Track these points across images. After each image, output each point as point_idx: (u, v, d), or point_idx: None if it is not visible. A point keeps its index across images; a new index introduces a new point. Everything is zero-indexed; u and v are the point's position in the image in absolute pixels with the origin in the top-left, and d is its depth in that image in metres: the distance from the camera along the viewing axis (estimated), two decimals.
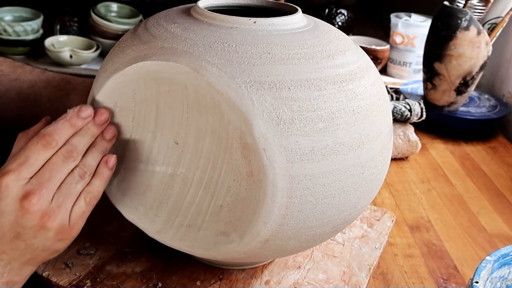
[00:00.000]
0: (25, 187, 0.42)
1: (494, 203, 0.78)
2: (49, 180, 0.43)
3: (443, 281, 0.60)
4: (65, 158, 0.44)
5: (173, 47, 0.43)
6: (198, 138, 0.44)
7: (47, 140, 0.43)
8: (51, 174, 0.43)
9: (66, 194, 0.44)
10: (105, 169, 0.46)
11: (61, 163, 0.43)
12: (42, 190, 0.42)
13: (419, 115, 0.86)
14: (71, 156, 0.44)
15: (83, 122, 0.45)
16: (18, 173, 0.42)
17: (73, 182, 0.44)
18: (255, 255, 0.47)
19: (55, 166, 0.43)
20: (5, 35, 1.20)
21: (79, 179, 0.44)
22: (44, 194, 0.42)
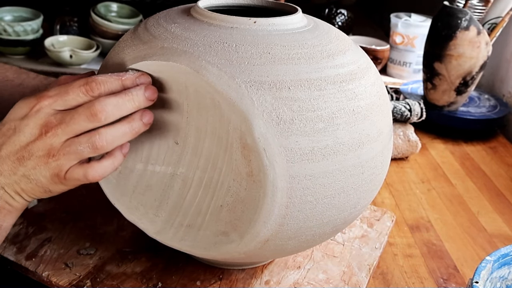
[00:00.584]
0: (50, 117, 0.42)
1: (494, 203, 0.78)
2: (67, 125, 0.42)
3: (443, 281, 0.60)
4: (90, 116, 0.42)
5: (173, 47, 0.43)
6: (198, 138, 0.44)
7: (92, 86, 0.42)
8: (71, 120, 0.42)
9: (73, 148, 0.42)
10: (119, 154, 0.44)
11: (82, 119, 0.42)
12: (58, 130, 0.42)
13: (419, 115, 0.86)
14: (97, 118, 0.42)
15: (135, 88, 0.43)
16: (53, 101, 0.42)
17: (85, 146, 0.42)
18: (255, 255, 0.47)
19: (78, 117, 0.42)
20: (5, 35, 1.20)
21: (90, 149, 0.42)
22: (60, 134, 0.42)
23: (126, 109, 0.42)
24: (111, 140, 0.42)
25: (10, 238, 0.58)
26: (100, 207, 0.63)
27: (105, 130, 0.42)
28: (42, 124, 0.42)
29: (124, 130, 0.43)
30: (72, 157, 0.42)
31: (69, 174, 0.43)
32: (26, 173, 0.43)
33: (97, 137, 0.42)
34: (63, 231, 0.59)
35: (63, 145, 0.42)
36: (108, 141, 0.42)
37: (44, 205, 0.64)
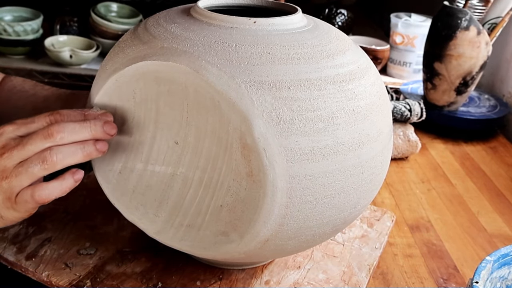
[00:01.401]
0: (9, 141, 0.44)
1: (494, 203, 0.78)
2: (23, 147, 0.43)
3: (443, 281, 0.60)
4: (47, 135, 0.43)
5: (173, 47, 0.43)
6: (198, 138, 0.44)
7: (55, 117, 0.45)
8: (28, 141, 0.43)
9: (25, 169, 0.43)
10: (70, 178, 0.45)
11: (39, 139, 0.43)
12: (14, 151, 0.43)
13: (419, 115, 0.86)
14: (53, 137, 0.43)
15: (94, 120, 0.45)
16: (17, 128, 0.45)
17: (36, 162, 0.43)
18: (255, 255, 0.47)
19: (34, 137, 0.43)
20: (5, 35, 1.21)
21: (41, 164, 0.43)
22: (14, 156, 0.43)
23: (82, 135, 0.44)
24: (61, 157, 0.43)
25: (10, 238, 0.58)
26: (100, 207, 0.63)
27: (56, 147, 0.44)
28: (1, 146, 0.44)
29: (75, 150, 0.44)
30: (24, 178, 0.43)
31: (19, 197, 0.44)
32: None
33: (48, 152, 0.43)
34: (63, 231, 0.59)
35: (15, 166, 0.43)
36: (58, 157, 0.43)
37: (44, 205, 0.64)
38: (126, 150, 0.48)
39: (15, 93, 0.68)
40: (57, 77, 1.21)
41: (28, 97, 0.67)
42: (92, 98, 0.48)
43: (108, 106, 0.47)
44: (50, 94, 0.68)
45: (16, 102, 0.67)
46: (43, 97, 0.68)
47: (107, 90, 0.46)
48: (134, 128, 0.47)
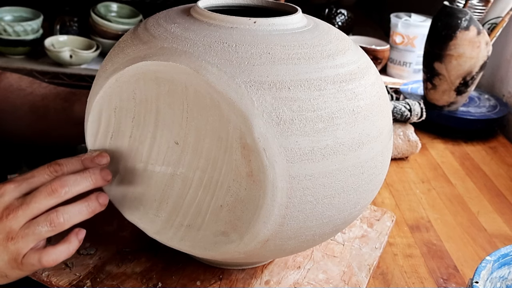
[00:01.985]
0: (13, 200, 0.44)
1: (494, 203, 0.78)
2: (28, 205, 0.43)
3: (443, 281, 0.60)
4: (51, 192, 0.44)
5: (173, 47, 0.43)
6: (198, 138, 0.44)
7: (55, 168, 0.46)
8: (32, 200, 0.44)
9: (31, 229, 0.43)
10: (75, 240, 0.46)
11: (43, 196, 0.44)
12: (19, 212, 0.43)
13: (419, 115, 0.86)
14: (57, 193, 0.44)
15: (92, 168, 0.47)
16: (18, 185, 0.45)
17: (43, 224, 0.44)
18: (255, 255, 0.47)
19: (38, 194, 0.44)
20: (5, 35, 1.21)
21: (48, 227, 0.44)
22: (19, 216, 0.43)
23: (84, 186, 0.45)
24: (68, 217, 0.44)
25: None
26: None
27: (62, 208, 0.44)
28: (4, 207, 0.43)
29: (80, 208, 0.45)
30: (30, 239, 0.44)
31: (25, 259, 0.44)
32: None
33: (55, 214, 0.44)
34: (63, 231, 0.59)
35: (22, 228, 0.43)
36: (65, 218, 0.44)
37: None
38: (126, 150, 0.48)
39: (12, 92, 0.67)
40: (57, 77, 1.21)
41: (26, 95, 0.67)
42: (92, 98, 0.48)
43: (108, 106, 0.47)
44: (48, 92, 0.68)
45: (14, 101, 0.67)
46: (41, 96, 0.67)
47: (107, 90, 0.46)
48: (134, 128, 0.47)
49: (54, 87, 0.69)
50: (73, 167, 0.46)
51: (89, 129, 0.48)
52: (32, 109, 0.67)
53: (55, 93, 0.68)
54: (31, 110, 0.67)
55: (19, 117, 0.67)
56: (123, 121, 0.47)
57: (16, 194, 0.44)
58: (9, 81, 0.68)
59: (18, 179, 0.45)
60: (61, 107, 0.66)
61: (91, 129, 0.48)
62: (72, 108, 0.66)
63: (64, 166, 0.46)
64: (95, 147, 0.49)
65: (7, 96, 0.67)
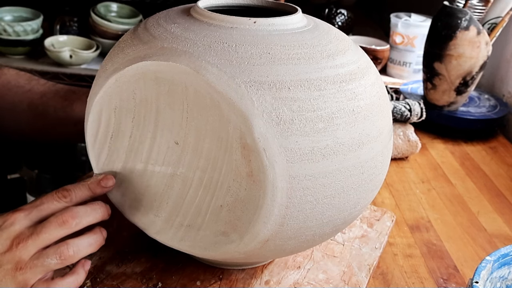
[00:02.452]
0: (23, 229, 0.44)
1: (494, 203, 0.78)
2: (38, 235, 0.44)
3: (443, 281, 0.60)
4: (62, 223, 0.44)
5: (173, 47, 0.43)
6: (198, 138, 0.44)
7: (63, 194, 0.46)
8: (42, 230, 0.44)
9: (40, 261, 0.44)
10: (82, 271, 0.47)
11: (54, 227, 0.44)
12: (29, 241, 0.43)
13: (419, 115, 0.86)
14: (68, 224, 0.45)
15: (102, 191, 0.48)
16: (28, 213, 0.45)
17: (52, 257, 0.44)
18: (255, 255, 0.47)
19: (48, 225, 0.44)
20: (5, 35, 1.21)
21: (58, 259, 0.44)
22: (29, 246, 0.43)
23: (94, 217, 0.46)
24: (77, 250, 0.45)
25: None
26: None
27: (72, 241, 0.45)
28: (15, 236, 0.44)
29: (89, 241, 0.46)
30: (39, 270, 0.44)
31: None
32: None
33: (65, 247, 0.44)
34: None
35: (31, 258, 0.44)
36: (75, 251, 0.45)
37: None
38: (126, 150, 0.48)
39: (10, 89, 0.67)
40: (57, 77, 1.21)
41: (24, 92, 0.67)
42: (92, 98, 0.48)
43: (108, 106, 0.47)
44: (47, 90, 0.68)
45: (12, 98, 0.67)
46: (40, 93, 0.67)
47: (107, 90, 0.46)
48: (134, 128, 0.47)
49: (53, 84, 0.69)
50: (81, 193, 0.47)
51: (89, 129, 0.48)
52: (30, 106, 0.66)
53: (54, 90, 0.67)
54: (29, 108, 0.66)
55: (18, 114, 0.67)
56: (123, 121, 0.47)
57: (27, 222, 0.44)
58: (7, 78, 0.68)
59: (27, 207, 0.45)
60: (60, 105, 0.66)
61: (91, 129, 0.48)
62: (72, 106, 0.66)
63: (72, 193, 0.47)
64: (95, 147, 0.49)
65: (5, 94, 0.67)
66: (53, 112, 0.66)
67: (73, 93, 0.67)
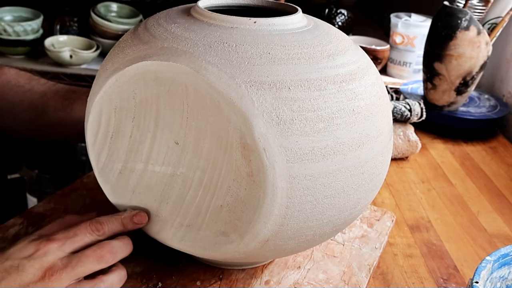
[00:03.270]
0: (56, 261, 0.44)
1: (494, 203, 0.78)
2: (73, 268, 0.44)
3: (443, 281, 0.60)
4: (100, 257, 0.45)
5: (173, 47, 0.43)
6: (198, 138, 0.44)
7: (97, 227, 0.47)
8: (78, 263, 0.44)
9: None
10: None
11: (90, 261, 0.45)
12: (63, 274, 0.43)
13: (419, 115, 0.86)
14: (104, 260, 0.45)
15: (133, 227, 0.49)
16: (61, 244, 0.45)
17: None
18: (255, 255, 0.47)
19: (85, 259, 0.45)
20: (5, 35, 1.21)
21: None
22: (64, 279, 0.43)
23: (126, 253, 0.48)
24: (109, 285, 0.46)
25: (10, 238, 0.58)
26: (100, 207, 0.63)
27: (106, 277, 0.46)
28: (48, 267, 0.43)
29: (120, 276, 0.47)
30: None
31: None
32: None
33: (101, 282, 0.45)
34: None
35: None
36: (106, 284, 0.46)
37: (44, 205, 0.64)
38: (126, 150, 0.48)
39: (11, 88, 0.67)
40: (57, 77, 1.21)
41: (25, 92, 0.67)
42: (92, 98, 0.48)
43: (108, 106, 0.47)
44: (47, 89, 0.68)
45: (13, 97, 0.67)
46: (40, 93, 0.67)
47: (107, 90, 0.46)
48: (134, 128, 0.47)
49: (53, 84, 0.69)
50: (113, 227, 0.48)
51: (89, 129, 0.48)
52: (31, 106, 0.67)
53: (54, 90, 0.68)
54: (30, 108, 0.67)
55: (18, 114, 0.67)
56: (123, 121, 0.47)
57: (60, 254, 0.44)
58: (7, 77, 0.68)
59: (61, 237, 0.45)
60: (60, 105, 0.66)
61: (91, 129, 0.48)
62: (72, 106, 0.66)
63: (105, 226, 0.47)
64: (95, 147, 0.49)
65: (5, 93, 0.67)
66: (53, 112, 0.66)
67: (73, 93, 0.67)
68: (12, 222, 0.60)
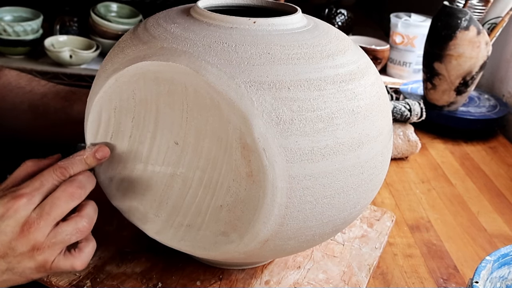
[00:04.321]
0: (30, 213, 0.43)
1: (494, 203, 0.78)
2: (49, 214, 0.44)
3: (443, 281, 0.60)
4: (70, 195, 0.45)
5: (173, 47, 0.43)
6: (198, 138, 0.44)
7: (62, 172, 0.46)
8: (51, 208, 0.44)
9: (59, 239, 0.44)
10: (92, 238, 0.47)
11: (64, 201, 0.44)
12: (41, 222, 0.43)
13: (419, 115, 0.86)
14: (76, 196, 0.45)
15: (97, 162, 0.48)
16: (30, 198, 0.44)
17: (71, 232, 0.44)
18: (255, 255, 0.47)
19: (57, 201, 0.44)
20: (5, 35, 1.20)
21: (77, 233, 0.45)
22: (43, 227, 0.43)
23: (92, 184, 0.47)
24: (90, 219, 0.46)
25: None
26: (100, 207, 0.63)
27: (84, 212, 0.45)
28: (24, 222, 0.43)
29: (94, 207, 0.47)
30: (58, 247, 0.44)
31: (55, 265, 0.45)
32: (10, 267, 0.44)
33: (80, 219, 0.45)
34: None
35: (47, 237, 0.44)
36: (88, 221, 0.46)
37: None
38: (126, 150, 0.48)
39: (11, 90, 0.68)
40: (57, 77, 1.21)
41: (25, 93, 0.67)
42: (92, 98, 0.48)
43: (108, 106, 0.47)
44: (47, 91, 0.68)
45: (13, 99, 0.67)
46: (41, 94, 0.67)
47: (107, 90, 0.46)
48: (134, 128, 0.47)
49: (53, 85, 0.69)
50: (77, 168, 0.47)
51: (89, 129, 0.48)
52: (31, 107, 0.67)
53: (54, 91, 0.68)
54: (30, 109, 0.67)
55: (18, 115, 0.67)
56: (123, 121, 0.47)
57: (31, 206, 0.44)
58: (8, 79, 0.68)
59: (28, 191, 0.44)
60: (61, 106, 0.66)
61: (91, 129, 0.48)
62: (72, 107, 0.66)
63: (70, 169, 0.47)
64: None
65: (6, 94, 0.67)
66: (54, 112, 0.66)
67: (73, 94, 0.67)
68: None
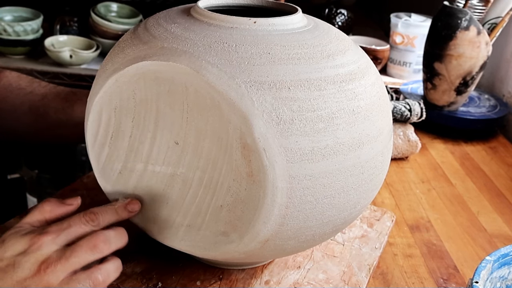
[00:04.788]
0: (51, 253, 0.43)
1: (494, 203, 0.78)
2: (67, 259, 0.43)
3: (443, 281, 0.60)
4: (93, 247, 0.44)
5: (173, 47, 0.43)
6: (198, 138, 0.44)
7: (91, 217, 0.46)
8: (72, 254, 0.43)
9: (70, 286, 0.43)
10: None
11: (84, 251, 0.44)
12: (58, 266, 0.43)
13: (419, 115, 0.86)
14: (98, 250, 0.44)
15: (128, 215, 0.48)
16: (55, 237, 0.44)
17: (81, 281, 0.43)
18: (255, 255, 0.47)
19: (79, 249, 0.44)
20: (5, 35, 1.21)
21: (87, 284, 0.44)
22: (59, 271, 0.43)
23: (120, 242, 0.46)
24: (106, 275, 0.45)
25: None
26: None
27: (103, 266, 0.45)
28: (43, 260, 0.43)
29: (116, 266, 0.46)
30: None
31: None
32: None
33: (97, 272, 0.44)
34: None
35: (61, 282, 0.43)
36: (104, 277, 0.45)
37: None
38: (126, 150, 0.48)
39: (12, 91, 0.68)
40: (57, 77, 1.21)
41: (26, 95, 0.67)
42: (92, 98, 0.48)
43: (108, 106, 0.47)
44: (47, 92, 0.68)
45: (14, 100, 0.67)
46: (41, 95, 0.68)
47: (107, 90, 0.46)
48: (134, 128, 0.47)
49: (53, 86, 0.69)
50: (108, 217, 0.47)
51: (89, 129, 0.48)
52: (31, 108, 0.67)
53: (54, 92, 0.68)
54: (30, 110, 0.67)
55: (19, 116, 0.67)
56: (123, 121, 0.47)
57: (54, 247, 0.44)
58: (8, 80, 0.68)
59: (54, 230, 0.44)
60: (61, 107, 0.66)
61: (91, 129, 0.48)
62: (73, 108, 0.66)
63: (99, 216, 0.47)
64: (95, 147, 0.49)
65: (7, 96, 0.67)
66: (54, 113, 0.66)
67: (73, 95, 0.67)
68: (12, 222, 0.60)
